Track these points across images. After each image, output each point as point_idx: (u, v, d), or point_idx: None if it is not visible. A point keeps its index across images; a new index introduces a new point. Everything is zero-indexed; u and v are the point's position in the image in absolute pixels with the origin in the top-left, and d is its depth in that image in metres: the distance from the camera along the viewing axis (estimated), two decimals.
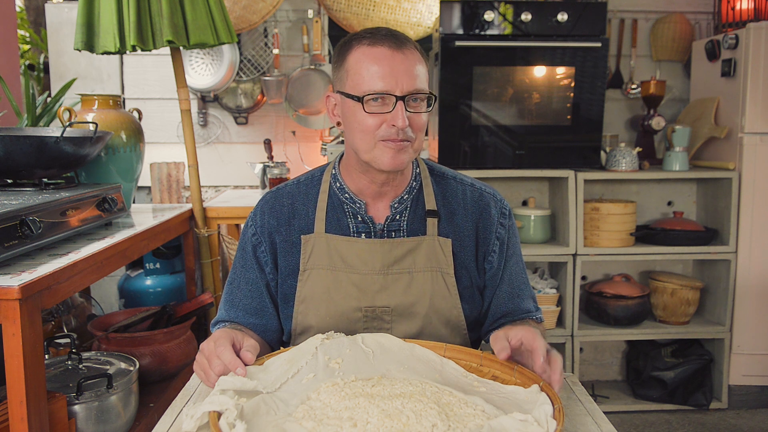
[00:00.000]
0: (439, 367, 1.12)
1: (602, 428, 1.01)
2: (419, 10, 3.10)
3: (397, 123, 1.17)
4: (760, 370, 2.95)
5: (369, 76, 1.18)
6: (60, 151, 1.94)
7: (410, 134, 1.20)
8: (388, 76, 1.17)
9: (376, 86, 1.18)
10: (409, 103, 1.19)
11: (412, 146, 1.22)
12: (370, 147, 1.21)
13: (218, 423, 0.86)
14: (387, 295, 1.26)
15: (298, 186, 1.36)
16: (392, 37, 1.20)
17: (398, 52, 1.19)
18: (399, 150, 1.20)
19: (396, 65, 1.18)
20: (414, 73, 1.19)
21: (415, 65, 1.20)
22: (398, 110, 1.17)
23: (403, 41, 1.21)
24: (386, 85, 1.17)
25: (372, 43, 1.20)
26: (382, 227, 1.29)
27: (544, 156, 2.84)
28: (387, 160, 1.21)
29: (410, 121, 1.19)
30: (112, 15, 2.20)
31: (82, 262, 1.69)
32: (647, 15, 3.29)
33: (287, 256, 1.30)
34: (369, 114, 1.19)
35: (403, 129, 1.18)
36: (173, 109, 3.17)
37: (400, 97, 1.17)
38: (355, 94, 1.20)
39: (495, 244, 1.33)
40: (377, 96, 1.18)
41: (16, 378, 1.43)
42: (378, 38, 1.20)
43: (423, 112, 1.21)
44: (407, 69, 1.18)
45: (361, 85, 1.19)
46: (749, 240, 2.88)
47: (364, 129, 1.20)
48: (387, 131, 1.19)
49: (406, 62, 1.19)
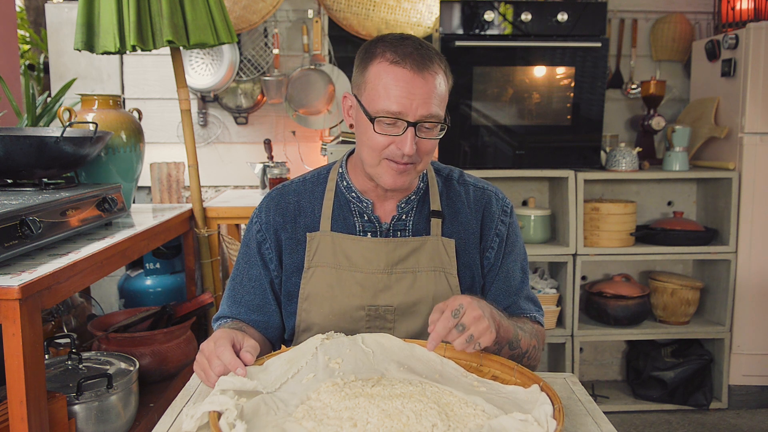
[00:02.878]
0: (439, 367, 1.12)
1: (602, 428, 1.01)
2: (419, 10, 3.10)
3: (404, 149, 1.17)
4: (760, 370, 2.95)
5: (385, 96, 1.16)
6: (60, 151, 1.94)
7: (417, 158, 1.20)
8: (404, 100, 1.15)
9: (390, 108, 1.16)
10: (420, 129, 1.17)
11: (415, 168, 1.22)
12: (374, 163, 1.22)
13: (218, 423, 0.86)
14: (390, 294, 1.26)
15: (304, 183, 1.36)
16: (417, 55, 1.16)
17: (419, 75, 1.15)
18: (401, 172, 1.20)
19: (414, 90, 1.15)
20: (431, 100, 1.16)
21: (433, 90, 1.17)
22: (407, 136, 1.16)
23: (427, 62, 1.17)
24: (400, 109, 1.15)
25: (395, 60, 1.16)
26: (388, 227, 1.30)
27: (544, 156, 2.84)
28: (388, 180, 1.21)
29: (418, 145, 1.18)
30: (112, 15, 2.20)
31: (82, 262, 1.69)
32: (647, 15, 3.29)
33: (292, 254, 1.31)
34: (378, 134, 1.18)
35: (410, 155, 1.17)
36: (173, 109, 3.17)
37: (412, 123, 1.16)
38: (369, 111, 1.18)
39: (494, 240, 1.33)
40: (389, 118, 1.17)
41: (16, 378, 1.43)
42: (402, 55, 1.16)
43: (433, 138, 1.20)
44: (425, 95, 1.16)
45: (376, 103, 1.17)
46: (749, 240, 2.88)
47: (371, 146, 1.20)
48: (393, 152, 1.18)
49: (426, 87, 1.16)
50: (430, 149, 1.21)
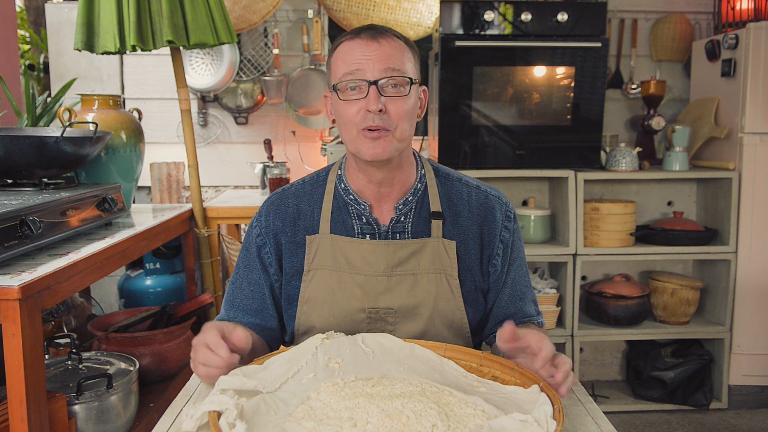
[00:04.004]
0: (439, 367, 1.12)
1: (602, 428, 1.01)
2: (419, 10, 3.10)
3: (369, 107, 1.17)
4: (760, 370, 2.95)
5: (343, 64, 1.21)
6: (60, 151, 1.94)
7: (390, 123, 1.19)
8: (360, 61, 1.19)
9: (348, 70, 1.19)
10: (385, 89, 1.19)
11: (393, 135, 1.20)
12: (353, 137, 1.22)
13: (218, 423, 0.86)
14: (391, 296, 1.26)
15: (303, 186, 1.36)
16: (371, 30, 1.22)
17: (372, 41, 1.20)
18: (376, 139, 1.19)
19: (369, 52, 1.19)
20: (390, 58, 1.19)
21: (391, 50, 1.20)
22: (370, 95, 1.18)
23: (381, 33, 1.21)
24: (357, 70, 1.19)
25: (351, 38, 1.22)
26: (387, 229, 1.29)
27: (544, 156, 2.84)
28: (367, 150, 1.20)
29: (388, 107, 1.19)
30: (112, 15, 2.20)
31: (82, 262, 1.69)
32: (647, 15, 3.29)
33: (292, 257, 1.30)
34: (345, 102, 1.20)
35: (376, 113, 1.17)
36: (173, 109, 3.17)
37: (373, 82, 1.18)
38: (332, 84, 1.23)
39: (499, 248, 1.32)
40: (350, 83, 1.19)
41: (16, 378, 1.43)
42: (357, 32, 1.22)
43: (400, 96, 1.19)
44: (380, 55, 1.19)
45: (336, 75, 1.22)
46: (749, 240, 2.88)
47: (344, 119, 1.22)
48: (364, 119, 1.19)
49: (380, 49, 1.19)
50: (402, 112, 1.20)
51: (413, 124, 1.25)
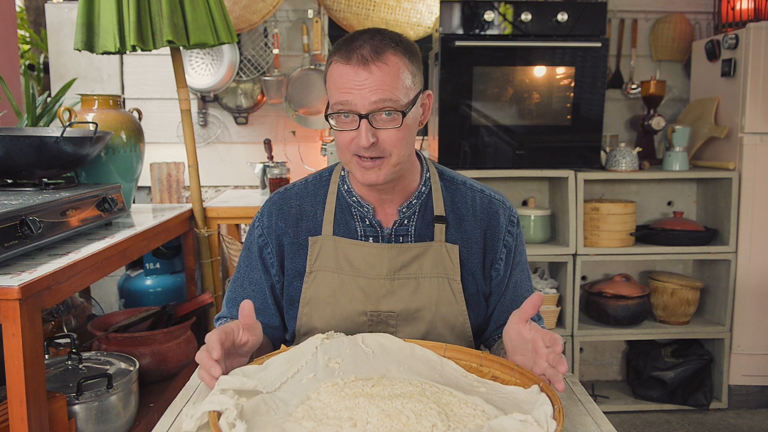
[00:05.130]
0: (439, 367, 1.12)
1: (602, 428, 1.01)
2: (419, 10, 3.10)
3: (359, 142, 1.15)
4: (760, 370, 2.95)
5: (336, 93, 1.16)
6: (60, 151, 1.94)
7: (384, 151, 1.17)
8: (352, 92, 1.14)
9: (340, 99, 1.16)
10: (376, 120, 1.15)
11: (389, 162, 1.18)
12: (347, 161, 1.21)
13: (218, 423, 0.86)
14: (393, 300, 1.25)
15: (306, 186, 1.35)
16: (369, 48, 1.14)
17: (363, 69, 1.13)
18: (370, 168, 1.18)
19: (361, 82, 1.13)
20: (381, 88, 1.13)
21: (383, 79, 1.13)
22: (361, 129, 1.14)
23: (375, 54, 1.14)
24: (347, 101, 1.15)
25: (342, 58, 1.16)
26: (390, 231, 1.28)
27: (544, 156, 2.84)
28: (361, 176, 1.20)
29: (381, 137, 1.16)
30: (112, 15, 2.20)
31: (82, 262, 1.69)
32: (647, 15, 3.29)
33: (294, 258, 1.30)
34: (337, 130, 1.18)
35: (367, 147, 1.15)
36: (173, 109, 3.17)
37: (364, 115, 1.14)
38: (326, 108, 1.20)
39: (502, 252, 1.31)
40: (343, 113, 1.16)
41: (16, 378, 1.43)
42: (349, 51, 1.15)
43: (393, 127, 1.16)
44: (373, 85, 1.13)
45: (331, 99, 1.19)
46: (749, 240, 2.88)
47: (339, 144, 1.20)
48: (356, 147, 1.17)
49: (372, 78, 1.13)
50: (396, 141, 1.17)
51: (412, 142, 1.22)
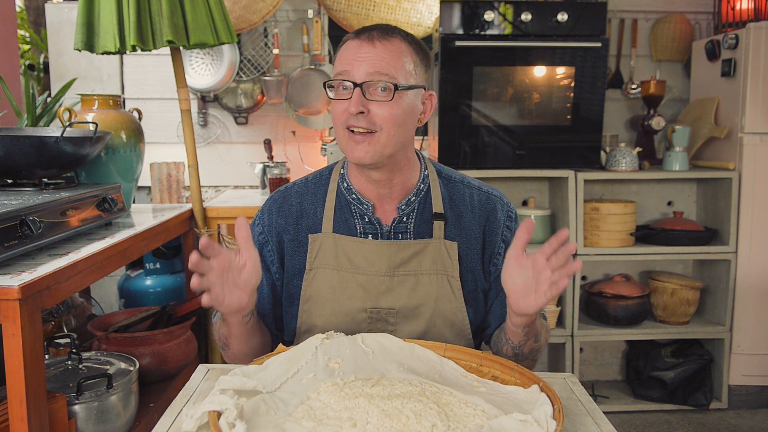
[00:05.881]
0: (439, 367, 1.12)
1: (602, 428, 1.01)
2: (419, 10, 3.10)
3: (350, 108, 1.17)
4: (760, 370, 2.95)
5: (339, 64, 1.22)
6: (60, 151, 1.94)
7: (374, 125, 1.18)
8: (351, 62, 1.19)
9: (339, 69, 1.20)
10: (371, 92, 1.18)
11: (379, 139, 1.19)
12: (341, 137, 1.22)
13: (218, 423, 0.86)
14: (392, 296, 1.26)
15: (306, 185, 1.36)
16: (377, 31, 1.21)
17: (368, 43, 1.19)
18: (359, 142, 1.19)
19: (362, 54, 1.19)
20: (379, 62, 1.18)
21: (383, 54, 1.18)
22: (353, 96, 1.17)
23: (384, 34, 1.20)
24: (346, 71, 1.19)
25: (354, 35, 1.22)
26: (389, 229, 1.29)
27: (544, 156, 2.84)
28: (351, 152, 1.21)
29: (372, 110, 1.18)
30: (112, 15, 2.20)
31: (82, 262, 1.69)
32: (647, 15, 3.29)
33: (294, 256, 1.31)
34: (334, 101, 1.21)
35: (356, 114, 1.17)
36: (173, 109, 3.17)
37: (358, 84, 1.17)
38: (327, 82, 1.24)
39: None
40: (339, 82, 1.19)
41: (16, 378, 1.42)
42: (362, 32, 1.22)
43: (384, 101, 1.18)
44: (371, 57, 1.18)
45: (333, 75, 1.23)
46: (749, 240, 2.88)
47: (334, 118, 1.22)
48: (348, 118, 1.19)
49: (373, 51, 1.18)
50: (386, 117, 1.18)
51: (406, 130, 1.22)
